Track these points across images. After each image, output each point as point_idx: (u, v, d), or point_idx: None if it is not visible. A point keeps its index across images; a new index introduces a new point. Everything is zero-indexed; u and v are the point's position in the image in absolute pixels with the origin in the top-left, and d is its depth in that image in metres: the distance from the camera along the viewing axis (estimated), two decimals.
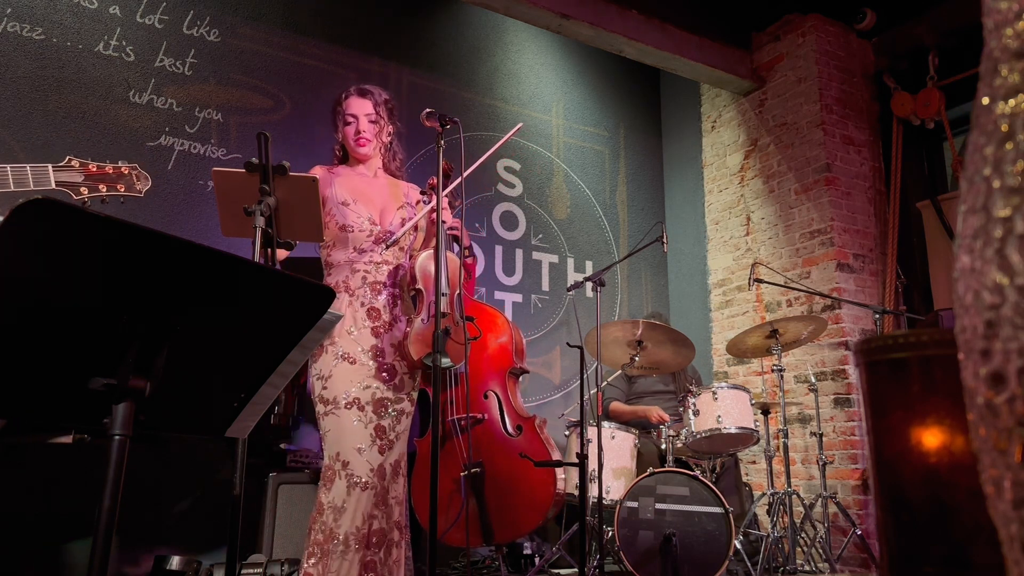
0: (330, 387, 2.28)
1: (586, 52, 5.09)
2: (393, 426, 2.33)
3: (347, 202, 2.42)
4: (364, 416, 2.27)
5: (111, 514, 0.91)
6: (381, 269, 2.42)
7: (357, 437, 2.24)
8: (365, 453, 2.24)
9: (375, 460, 2.25)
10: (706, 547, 2.90)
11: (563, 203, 4.90)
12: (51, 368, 0.97)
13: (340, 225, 2.39)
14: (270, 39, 3.92)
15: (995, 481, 0.42)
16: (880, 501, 1.18)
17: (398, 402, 2.37)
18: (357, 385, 2.29)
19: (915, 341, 1.16)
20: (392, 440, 2.32)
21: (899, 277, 4.34)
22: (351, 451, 2.23)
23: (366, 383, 2.31)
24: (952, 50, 4.23)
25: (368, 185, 2.50)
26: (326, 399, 2.29)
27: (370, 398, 2.30)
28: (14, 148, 3.15)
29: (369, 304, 2.38)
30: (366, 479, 2.21)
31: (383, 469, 2.27)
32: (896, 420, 1.16)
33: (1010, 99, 0.43)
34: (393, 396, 2.36)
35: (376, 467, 2.25)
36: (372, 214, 2.44)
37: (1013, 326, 0.40)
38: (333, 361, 2.30)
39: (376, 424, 2.29)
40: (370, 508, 2.22)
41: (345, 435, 2.24)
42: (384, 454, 2.28)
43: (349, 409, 2.26)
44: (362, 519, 2.19)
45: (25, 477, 2.83)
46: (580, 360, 2.82)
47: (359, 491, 2.20)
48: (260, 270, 1.16)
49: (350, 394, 2.27)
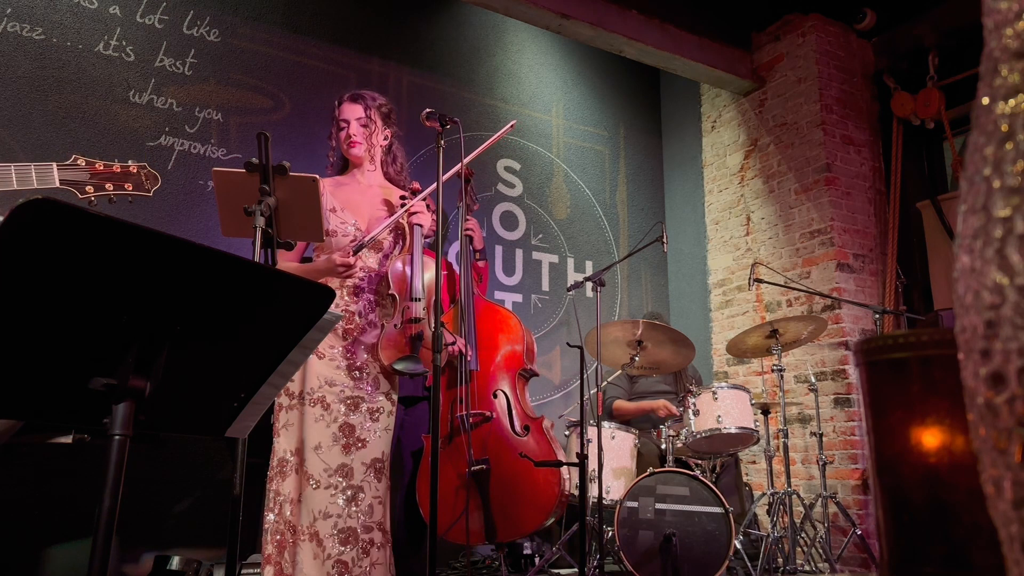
0: (297, 380, 2.26)
1: (586, 52, 5.09)
2: (365, 424, 2.29)
3: (334, 208, 2.44)
4: (328, 414, 2.24)
5: (111, 514, 0.91)
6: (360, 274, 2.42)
7: (317, 435, 2.22)
8: (323, 452, 2.21)
9: (335, 460, 2.21)
10: (706, 547, 2.90)
11: (563, 203, 4.90)
12: (51, 368, 0.97)
13: (325, 230, 2.39)
14: (270, 39, 3.92)
15: (995, 481, 0.42)
16: (880, 501, 1.18)
17: (372, 400, 2.33)
18: (324, 382, 2.27)
19: (915, 341, 1.16)
20: (364, 439, 2.27)
21: (899, 277, 4.34)
22: (308, 449, 2.20)
23: (334, 379, 2.28)
24: (952, 50, 4.23)
25: (360, 194, 2.51)
26: (291, 392, 2.27)
27: (336, 396, 2.27)
28: (14, 148, 3.15)
29: (343, 307, 2.37)
30: (319, 477, 2.18)
31: (347, 468, 2.22)
32: (896, 420, 1.16)
33: (1010, 99, 0.43)
34: (366, 395, 2.32)
35: (336, 467, 2.21)
36: (358, 221, 2.45)
37: (1013, 326, 0.40)
38: None
39: (343, 422, 2.26)
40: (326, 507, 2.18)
41: (307, 431, 2.22)
42: (350, 452, 2.24)
43: (313, 406, 2.24)
44: (312, 517, 2.16)
45: (25, 477, 2.83)
46: (580, 360, 2.82)
47: (311, 489, 2.18)
48: (260, 270, 1.16)
49: (315, 391, 2.25)
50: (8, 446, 2.60)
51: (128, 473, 0.95)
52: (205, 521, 3.20)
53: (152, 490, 3.06)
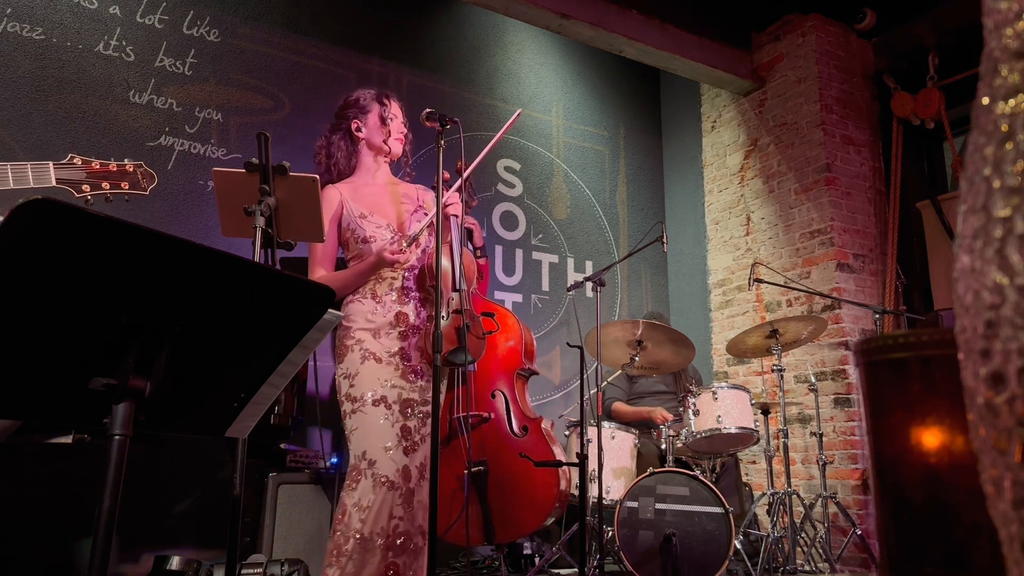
0: (357, 384, 2.25)
1: (586, 52, 5.09)
2: (419, 428, 2.30)
3: (364, 215, 2.42)
4: (391, 415, 2.24)
5: (111, 514, 0.91)
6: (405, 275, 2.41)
7: (384, 435, 2.21)
8: (392, 452, 2.20)
9: (400, 460, 2.21)
10: (706, 547, 2.89)
11: (563, 203, 4.90)
12: (51, 368, 0.97)
13: (362, 238, 2.40)
14: (270, 39, 3.92)
15: (995, 481, 0.42)
16: (880, 501, 1.18)
17: (424, 404, 2.34)
18: (384, 383, 2.27)
19: (915, 341, 1.16)
20: (417, 442, 2.29)
21: (899, 277, 4.34)
22: (378, 449, 2.19)
23: (393, 382, 2.28)
24: (952, 50, 4.23)
25: (376, 193, 2.51)
26: (353, 397, 2.25)
27: (396, 397, 2.27)
28: (14, 148, 3.15)
29: (397, 310, 2.36)
30: (393, 478, 2.18)
31: (408, 471, 2.23)
32: (896, 420, 1.16)
33: (1010, 99, 0.42)
34: (419, 398, 2.33)
35: (401, 468, 2.21)
36: (390, 221, 2.46)
37: (1013, 326, 0.40)
38: (360, 360, 2.28)
39: (403, 424, 2.26)
40: (395, 509, 2.18)
41: (372, 433, 2.21)
42: (410, 455, 2.24)
43: (376, 407, 2.23)
44: (387, 518, 2.16)
45: (25, 477, 2.83)
46: (580, 360, 2.82)
47: (385, 490, 2.16)
48: (260, 270, 1.16)
49: (377, 392, 2.25)
50: (8, 446, 2.60)
51: (128, 473, 0.95)
52: (205, 521, 3.19)
53: (152, 490, 3.06)
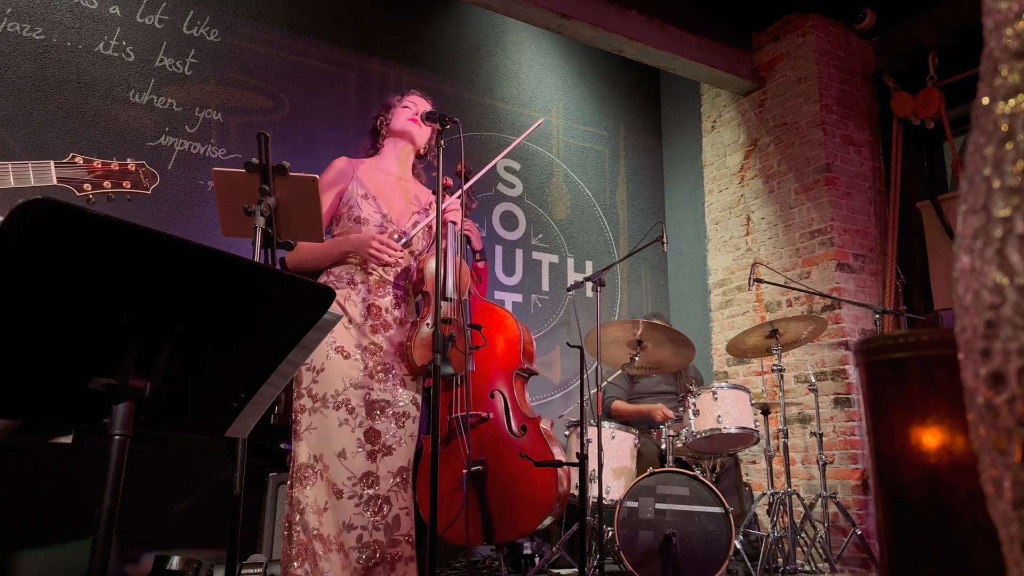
0: (321, 381, 2.15)
1: (586, 52, 5.09)
2: (391, 430, 2.19)
3: (367, 195, 2.35)
4: (353, 419, 2.15)
5: (111, 514, 0.91)
6: (389, 269, 2.33)
7: (342, 441, 2.12)
8: (347, 460, 2.12)
9: (359, 468, 2.12)
10: (706, 547, 2.89)
11: (563, 203, 4.90)
12: (51, 368, 0.97)
13: (355, 217, 2.32)
14: (270, 39, 3.92)
15: (995, 481, 0.42)
16: (880, 501, 1.18)
17: (398, 404, 2.24)
18: (350, 384, 2.17)
19: (915, 341, 1.16)
20: (390, 445, 2.18)
21: (899, 277, 4.34)
22: (332, 456, 2.11)
23: (360, 382, 2.18)
24: (952, 50, 4.23)
25: (390, 185, 2.44)
26: (315, 395, 2.15)
27: (362, 399, 2.17)
28: (14, 148, 3.15)
29: (370, 300, 2.28)
30: (341, 486, 2.09)
31: (372, 477, 2.13)
32: (896, 420, 1.16)
33: (1010, 99, 0.42)
34: (391, 398, 2.23)
35: (360, 475, 2.12)
36: (389, 212, 2.37)
37: (1013, 326, 0.40)
38: (326, 352, 2.17)
39: (369, 427, 2.16)
40: (350, 518, 2.09)
41: (331, 437, 2.12)
42: (377, 460, 2.15)
43: (337, 410, 2.13)
44: (338, 528, 2.08)
45: (25, 477, 2.83)
46: (580, 360, 2.82)
47: (335, 499, 2.09)
48: (260, 270, 1.16)
49: (340, 393, 2.15)
50: (8, 446, 2.60)
51: (128, 473, 0.95)
52: (205, 521, 3.19)
53: (152, 490, 3.06)
